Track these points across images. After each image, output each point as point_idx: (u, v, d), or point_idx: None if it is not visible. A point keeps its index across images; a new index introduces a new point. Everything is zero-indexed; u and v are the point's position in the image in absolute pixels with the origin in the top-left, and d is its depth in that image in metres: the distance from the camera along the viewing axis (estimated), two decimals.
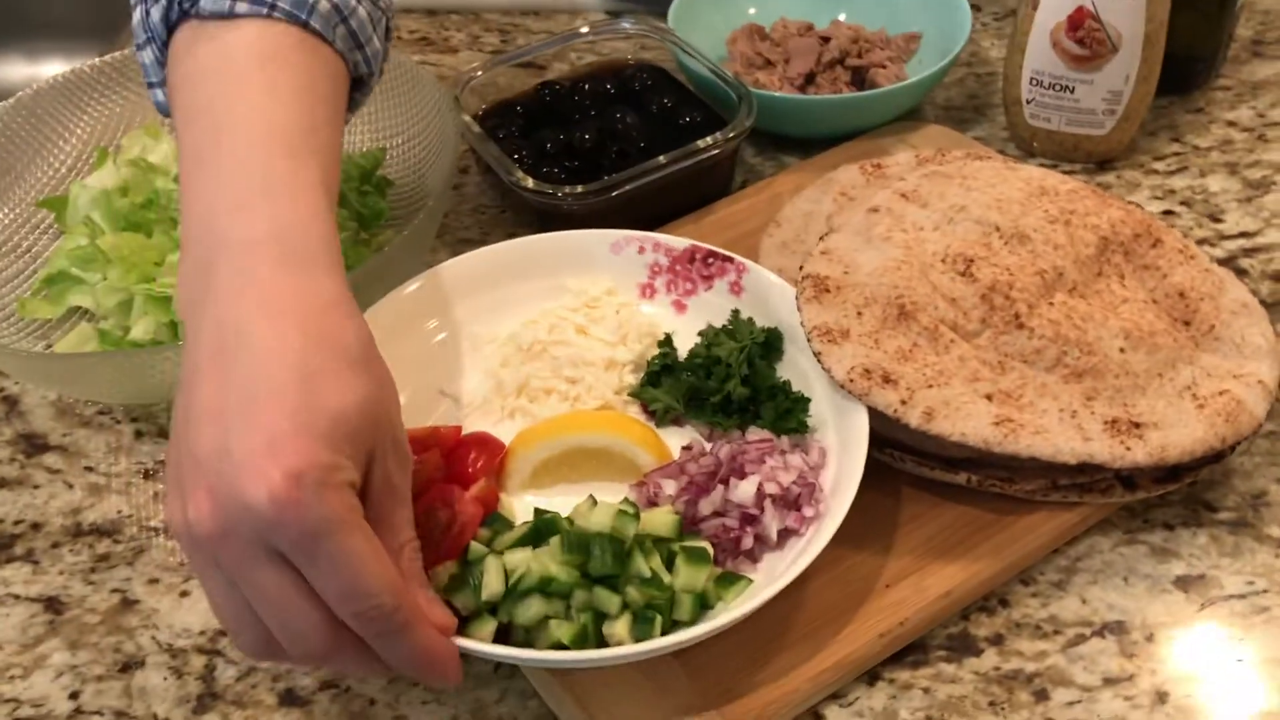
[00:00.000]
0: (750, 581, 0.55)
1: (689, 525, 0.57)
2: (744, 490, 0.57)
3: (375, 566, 0.45)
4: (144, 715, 0.57)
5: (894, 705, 0.56)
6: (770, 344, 0.64)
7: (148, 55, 0.57)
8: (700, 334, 0.66)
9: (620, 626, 0.52)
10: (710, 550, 0.55)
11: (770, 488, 0.57)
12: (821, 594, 0.58)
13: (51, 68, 1.36)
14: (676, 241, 0.68)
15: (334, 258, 0.49)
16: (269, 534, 0.43)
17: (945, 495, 0.61)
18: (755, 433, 0.61)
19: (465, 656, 0.51)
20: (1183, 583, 0.60)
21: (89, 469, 0.68)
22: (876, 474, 0.61)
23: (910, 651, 0.57)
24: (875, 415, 0.59)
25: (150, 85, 0.58)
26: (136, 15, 0.57)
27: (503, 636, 0.53)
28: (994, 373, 0.61)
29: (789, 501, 0.58)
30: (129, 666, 0.59)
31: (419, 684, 0.57)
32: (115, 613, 0.61)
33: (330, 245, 0.50)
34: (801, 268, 0.65)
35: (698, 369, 0.64)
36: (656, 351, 0.66)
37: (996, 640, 0.58)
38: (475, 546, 0.55)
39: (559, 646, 0.52)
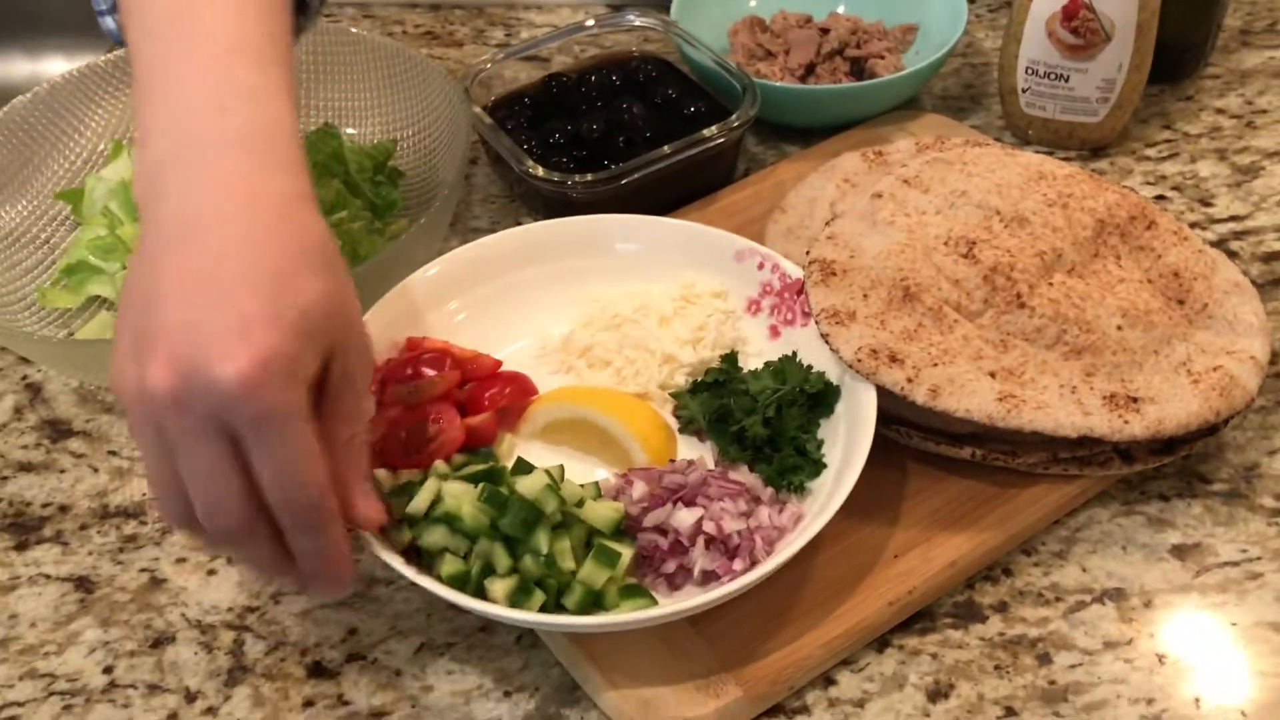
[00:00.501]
0: (652, 601, 0.56)
1: (632, 528, 0.58)
2: (681, 519, 0.58)
3: (313, 461, 0.47)
4: (176, 688, 0.59)
5: (903, 670, 0.58)
6: (819, 398, 0.63)
7: None
8: (767, 363, 0.65)
9: (499, 586, 0.54)
10: (625, 557, 0.56)
11: (709, 527, 0.57)
12: (832, 565, 0.60)
13: (53, 65, 1.37)
14: (793, 269, 0.67)
15: (300, 157, 0.51)
16: (225, 410, 0.45)
17: (950, 469, 0.63)
18: (740, 472, 0.61)
19: (471, 619, 0.53)
20: (1178, 551, 0.62)
21: (113, 453, 0.70)
22: (884, 450, 0.63)
23: (918, 619, 0.59)
24: (883, 394, 0.61)
25: (100, 13, 0.59)
26: None
27: (415, 557, 0.57)
28: (996, 351, 0.63)
29: (726, 547, 0.58)
30: (160, 642, 0.61)
31: (301, 593, 0.60)
32: (144, 591, 0.63)
33: (297, 145, 0.52)
34: (808, 252, 0.67)
35: (731, 394, 0.63)
36: (718, 365, 0.66)
37: (1001, 607, 0.60)
38: (435, 465, 0.58)
39: (445, 581, 0.55)
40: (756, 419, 0.61)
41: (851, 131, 0.84)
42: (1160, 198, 0.81)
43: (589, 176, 0.75)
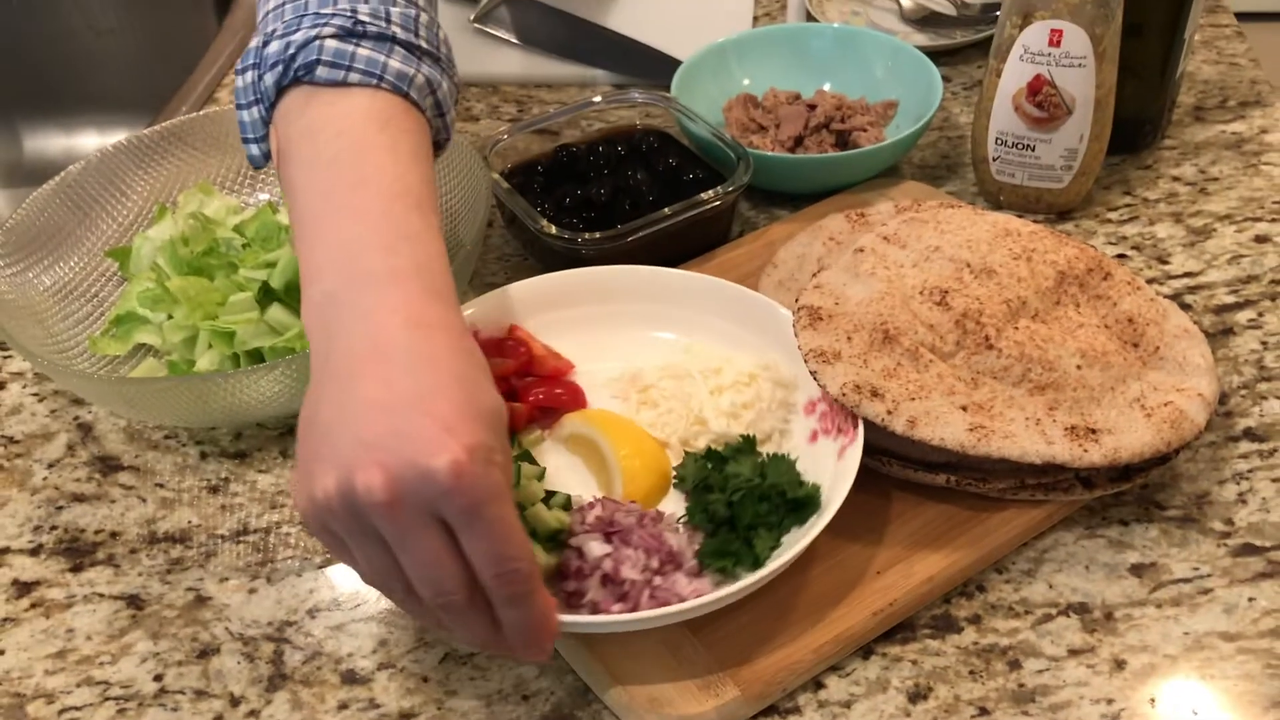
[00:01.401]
0: None
1: (569, 539, 0.64)
2: (592, 549, 0.63)
3: (521, 536, 0.53)
4: (222, 694, 0.64)
5: (886, 675, 0.63)
6: (798, 505, 0.65)
7: (251, 114, 0.65)
8: (770, 455, 0.68)
9: None
10: (540, 559, 0.62)
11: (608, 565, 0.62)
12: (821, 579, 0.65)
13: (87, 140, 1.46)
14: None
15: (454, 293, 0.58)
16: (441, 500, 0.50)
17: (927, 495, 0.69)
18: (676, 535, 0.64)
19: None
20: (1137, 569, 0.68)
21: (159, 485, 0.76)
22: (867, 477, 0.69)
23: (899, 630, 0.65)
24: (866, 427, 0.67)
25: (246, 140, 0.66)
26: (245, 79, 0.65)
27: None
28: (968, 387, 0.70)
29: (616, 590, 0.62)
30: (206, 653, 0.66)
31: (511, 659, 0.63)
32: (191, 608, 0.69)
33: (452, 282, 0.58)
34: (797, 300, 0.74)
35: (711, 463, 0.68)
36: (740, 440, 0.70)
37: (975, 620, 0.66)
38: None
39: None
40: (721, 498, 0.65)
41: (837, 197, 0.92)
42: (1122, 256, 0.88)
43: (597, 235, 0.82)
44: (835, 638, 0.63)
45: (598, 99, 0.95)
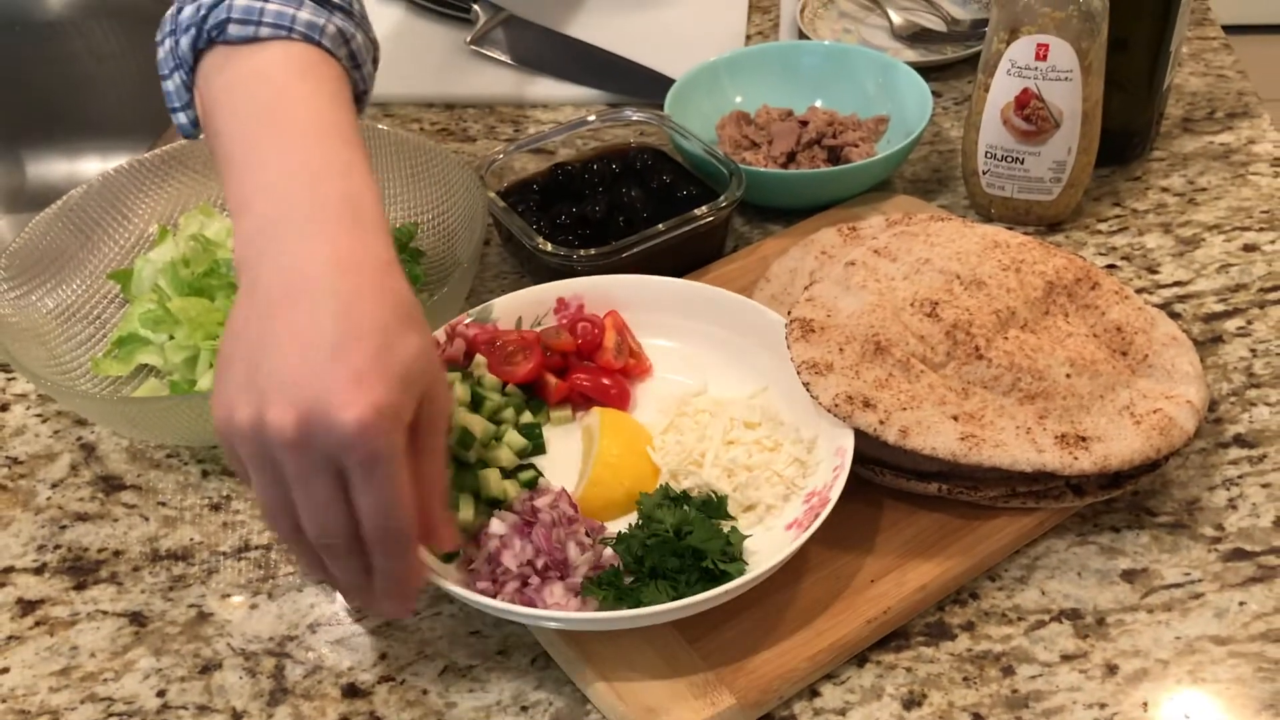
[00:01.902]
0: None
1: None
2: (492, 524, 0.66)
3: (407, 496, 0.55)
4: (224, 709, 0.65)
5: (880, 683, 0.64)
6: (714, 575, 0.63)
7: (174, 81, 0.68)
8: (698, 516, 0.66)
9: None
10: (465, 521, 0.68)
11: (493, 544, 0.65)
12: (815, 588, 0.66)
13: (89, 165, 1.47)
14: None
15: (386, 226, 0.59)
16: (341, 451, 0.52)
17: (920, 504, 0.70)
18: (581, 542, 0.65)
19: (491, 643, 0.59)
20: (1128, 575, 0.68)
21: (161, 504, 0.77)
22: (861, 488, 0.70)
23: (894, 637, 0.66)
24: (859, 437, 0.68)
25: (174, 109, 0.68)
26: (164, 47, 0.67)
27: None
28: (959, 397, 0.71)
29: (491, 571, 0.64)
30: (208, 668, 0.67)
31: (371, 613, 0.68)
32: (193, 624, 0.69)
33: (383, 214, 0.59)
34: (789, 312, 0.75)
35: (660, 503, 0.67)
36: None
37: (968, 627, 0.66)
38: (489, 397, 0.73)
39: None
40: (641, 537, 0.65)
41: (829, 211, 0.93)
42: (1112, 266, 0.89)
43: (592, 251, 0.83)
44: (830, 646, 0.64)
45: (592, 118, 0.96)
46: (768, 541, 0.67)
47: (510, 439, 0.72)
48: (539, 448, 0.74)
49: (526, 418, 0.75)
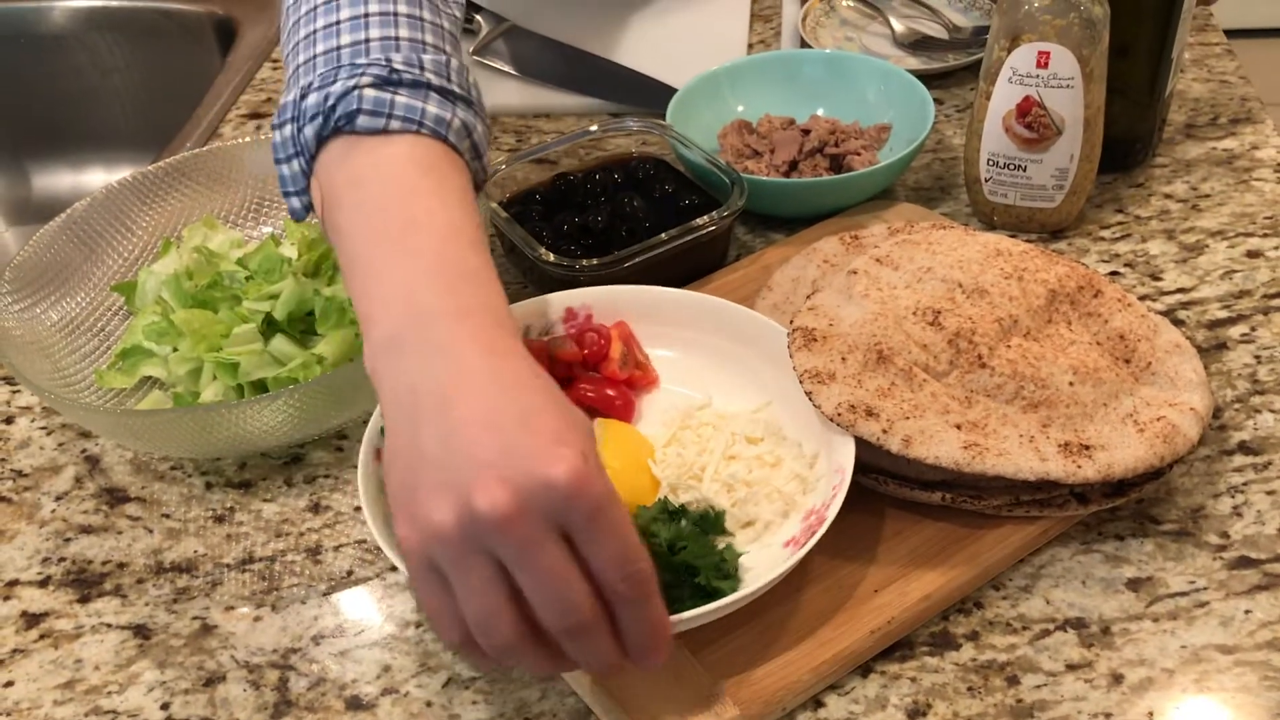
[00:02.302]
0: None
1: None
2: None
3: (637, 537, 0.53)
4: None
5: (885, 693, 0.64)
6: (707, 592, 0.62)
7: (292, 167, 0.66)
8: (694, 532, 0.66)
9: None
10: None
11: None
12: (819, 599, 0.66)
13: (94, 177, 1.48)
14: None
15: (518, 332, 0.59)
16: (564, 507, 0.50)
17: (923, 513, 0.70)
18: None
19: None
20: (1133, 584, 0.68)
21: (165, 516, 0.77)
22: (863, 497, 0.70)
23: (898, 648, 0.66)
24: (861, 445, 0.68)
25: (288, 194, 0.67)
26: (284, 133, 0.66)
27: None
28: (962, 406, 0.70)
29: None
30: (212, 681, 0.67)
31: (619, 670, 0.59)
32: (197, 636, 0.69)
33: (514, 320, 0.59)
34: (791, 321, 0.75)
35: (656, 517, 0.67)
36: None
37: (973, 636, 0.66)
38: None
39: None
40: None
41: (831, 220, 0.93)
42: (1115, 273, 0.89)
43: (595, 261, 0.83)
44: (834, 656, 0.63)
45: (594, 128, 0.97)
46: (766, 558, 0.67)
47: None
48: None
49: None
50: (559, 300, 0.80)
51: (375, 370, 0.57)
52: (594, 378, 0.77)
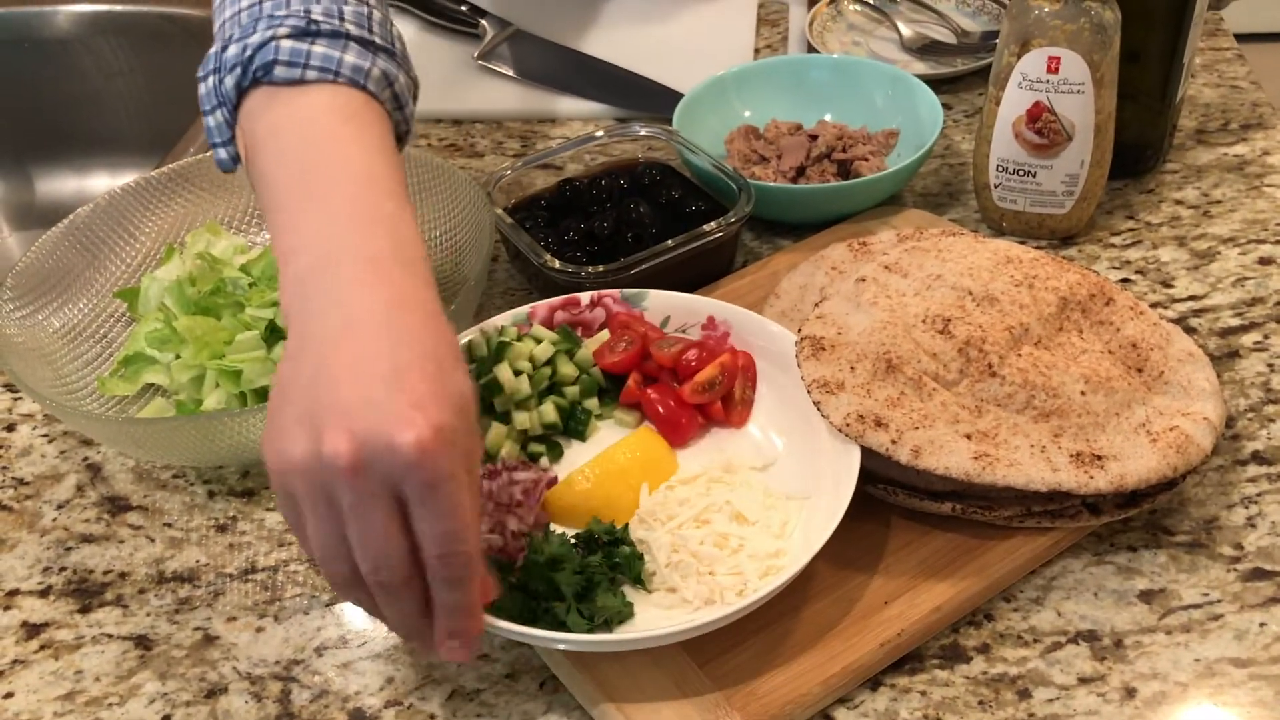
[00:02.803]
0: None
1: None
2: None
3: (471, 519, 0.54)
4: None
5: (895, 707, 0.63)
6: (563, 612, 0.63)
7: (216, 118, 0.67)
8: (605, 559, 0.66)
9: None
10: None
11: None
12: (828, 610, 0.65)
13: (98, 181, 1.47)
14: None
15: (431, 276, 0.59)
16: (402, 473, 0.51)
17: (933, 524, 0.69)
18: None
19: (498, 667, 0.58)
20: (1146, 596, 0.67)
21: (168, 525, 0.76)
22: (872, 507, 0.69)
23: (907, 660, 0.65)
24: (870, 455, 0.67)
25: (215, 144, 0.68)
26: (208, 84, 0.67)
27: None
28: (972, 415, 0.70)
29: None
30: (214, 693, 0.66)
31: (432, 659, 0.64)
32: (199, 647, 0.69)
33: (428, 265, 0.59)
34: (799, 330, 0.74)
35: (575, 535, 0.68)
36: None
37: (983, 649, 0.65)
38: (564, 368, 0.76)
39: None
40: (542, 549, 0.65)
41: (839, 226, 0.92)
42: (1125, 280, 0.88)
43: (600, 268, 0.82)
44: (843, 669, 0.63)
45: (600, 133, 0.96)
46: (662, 620, 0.64)
47: (544, 411, 0.74)
48: (575, 433, 0.76)
49: (591, 404, 0.76)
50: (705, 305, 0.79)
51: (285, 306, 0.58)
52: (670, 389, 0.76)
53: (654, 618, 0.65)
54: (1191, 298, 0.87)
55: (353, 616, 0.70)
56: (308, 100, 0.64)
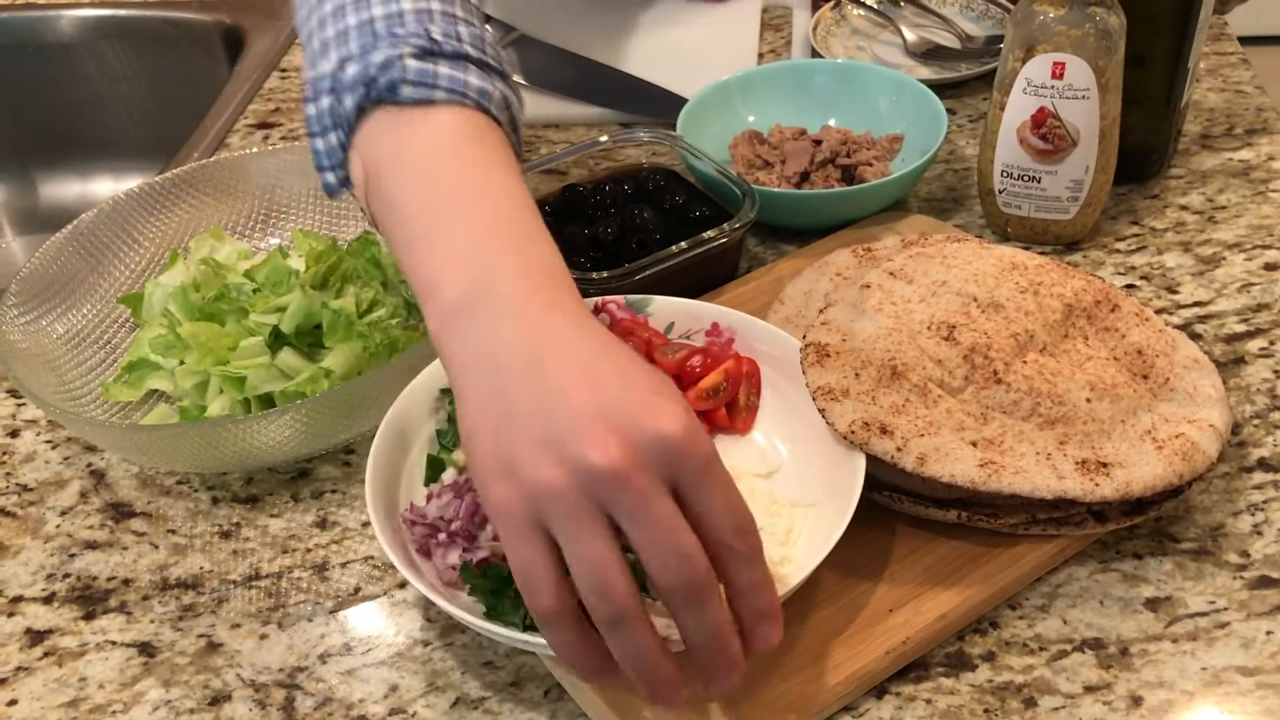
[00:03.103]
0: None
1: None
2: (448, 473, 0.68)
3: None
4: None
5: (900, 715, 0.63)
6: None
7: (328, 140, 0.64)
8: None
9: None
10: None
11: (434, 488, 0.67)
12: (833, 618, 0.65)
13: (101, 186, 1.47)
14: None
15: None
16: (676, 460, 0.49)
17: (938, 532, 0.69)
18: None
19: (503, 675, 0.58)
20: (1152, 604, 0.67)
21: (171, 531, 0.76)
22: (877, 515, 0.69)
23: (913, 668, 0.65)
24: (875, 462, 0.67)
25: (322, 169, 0.65)
26: (320, 105, 0.64)
27: None
28: (977, 423, 0.69)
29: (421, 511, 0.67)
30: (217, 700, 0.66)
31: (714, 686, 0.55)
32: (202, 654, 0.69)
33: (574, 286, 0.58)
34: (804, 336, 0.74)
35: None
36: None
37: (989, 657, 0.65)
38: None
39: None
40: None
41: (843, 232, 0.92)
42: (1130, 286, 0.88)
43: (605, 274, 0.82)
44: (848, 677, 0.62)
45: (604, 138, 0.96)
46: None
47: None
48: None
49: None
50: (709, 312, 0.78)
51: (442, 336, 0.56)
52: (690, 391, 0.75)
53: (659, 626, 0.64)
54: (1197, 303, 0.86)
55: (356, 623, 0.70)
56: (436, 121, 0.62)
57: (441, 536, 0.65)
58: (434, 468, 0.71)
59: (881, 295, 0.76)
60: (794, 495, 0.70)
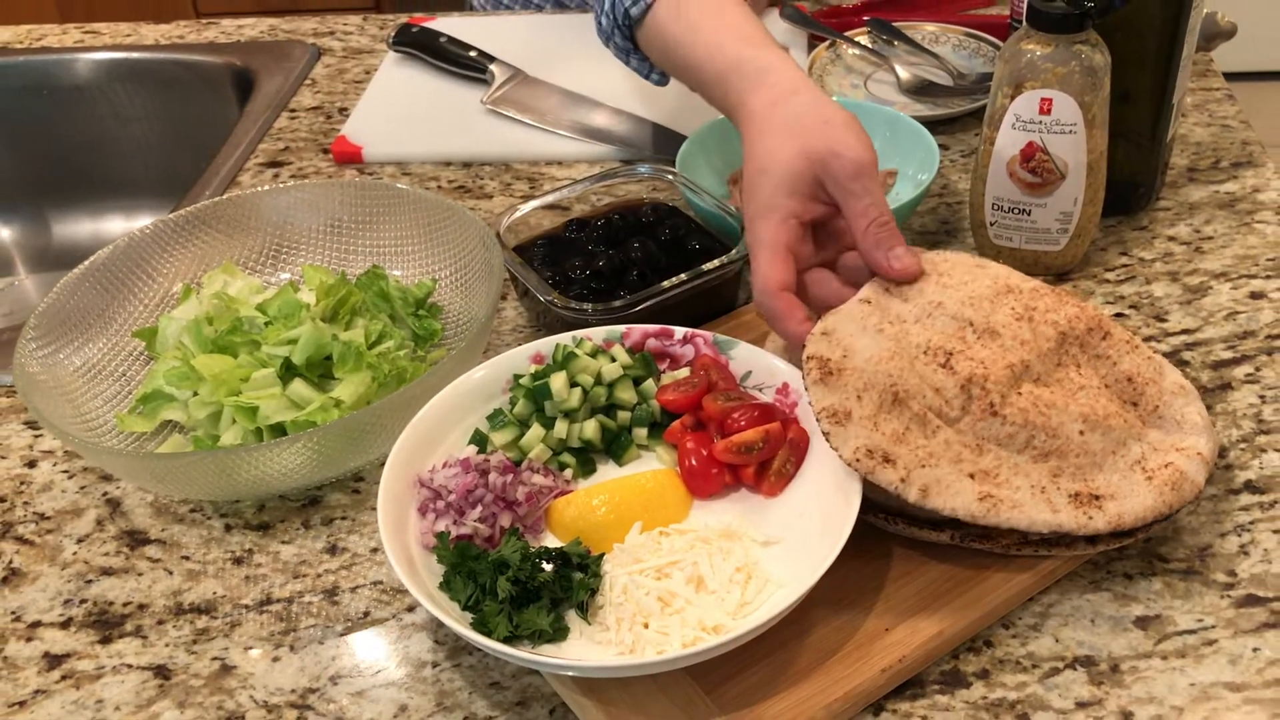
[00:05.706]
0: None
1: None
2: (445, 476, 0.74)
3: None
4: None
5: None
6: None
7: (614, 43, 1.03)
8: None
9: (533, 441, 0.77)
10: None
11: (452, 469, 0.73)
12: (830, 637, 0.67)
13: (113, 224, 1.50)
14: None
15: None
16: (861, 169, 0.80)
17: (932, 553, 0.71)
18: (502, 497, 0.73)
19: (509, 694, 0.60)
20: (1142, 622, 0.69)
21: (185, 558, 0.78)
22: (871, 537, 0.71)
23: (909, 686, 0.66)
24: (871, 485, 0.69)
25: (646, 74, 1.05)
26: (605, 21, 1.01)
27: None
28: (973, 454, 0.71)
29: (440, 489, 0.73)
30: None
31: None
32: (216, 677, 0.70)
33: None
34: (804, 347, 0.75)
35: (537, 550, 0.69)
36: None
37: (983, 674, 0.67)
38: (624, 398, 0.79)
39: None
40: (515, 546, 0.69)
41: None
42: (1120, 315, 0.90)
43: (604, 305, 0.84)
44: (845, 695, 0.64)
45: (606, 174, 0.98)
46: (584, 654, 0.65)
47: (585, 426, 0.77)
48: (615, 455, 0.78)
49: (640, 433, 0.78)
50: (782, 371, 0.79)
51: (722, 75, 0.90)
52: (709, 439, 0.75)
53: (583, 649, 0.66)
54: (1184, 331, 0.88)
55: (366, 646, 0.71)
56: None
57: (439, 504, 0.72)
58: (477, 440, 0.78)
59: (880, 315, 0.77)
60: (780, 572, 0.69)
